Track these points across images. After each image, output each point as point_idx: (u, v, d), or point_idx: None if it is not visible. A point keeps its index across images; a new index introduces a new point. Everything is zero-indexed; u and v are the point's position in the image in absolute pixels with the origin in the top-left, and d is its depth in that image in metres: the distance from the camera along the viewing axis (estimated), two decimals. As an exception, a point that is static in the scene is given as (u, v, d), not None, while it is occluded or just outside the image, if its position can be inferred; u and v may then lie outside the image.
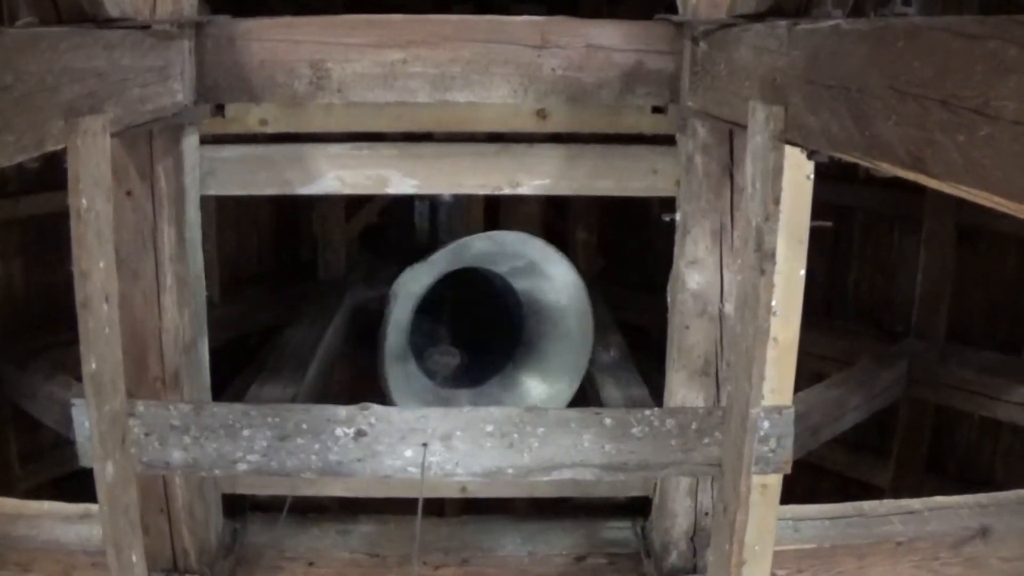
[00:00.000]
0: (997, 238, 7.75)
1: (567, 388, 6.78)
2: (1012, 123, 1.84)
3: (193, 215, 4.71)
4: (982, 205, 2.09)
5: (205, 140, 4.87)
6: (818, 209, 3.95)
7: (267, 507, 5.51)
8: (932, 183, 2.24)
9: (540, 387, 6.86)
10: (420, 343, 6.96)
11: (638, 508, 5.61)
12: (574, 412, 4.30)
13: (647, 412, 4.25)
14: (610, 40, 4.72)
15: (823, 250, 8.70)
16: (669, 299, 5.01)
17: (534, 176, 5.26)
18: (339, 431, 4.14)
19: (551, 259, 6.40)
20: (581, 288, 6.50)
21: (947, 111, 2.06)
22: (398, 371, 6.55)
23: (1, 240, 7.71)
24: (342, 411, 4.18)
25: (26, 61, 2.85)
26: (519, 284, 6.73)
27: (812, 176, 3.81)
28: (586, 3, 8.80)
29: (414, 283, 6.39)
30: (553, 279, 6.44)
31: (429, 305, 6.82)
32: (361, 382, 7.59)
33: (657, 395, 5.48)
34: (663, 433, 4.18)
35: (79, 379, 3.65)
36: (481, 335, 7.04)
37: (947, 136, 2.07)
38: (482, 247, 6.42)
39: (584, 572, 5.42)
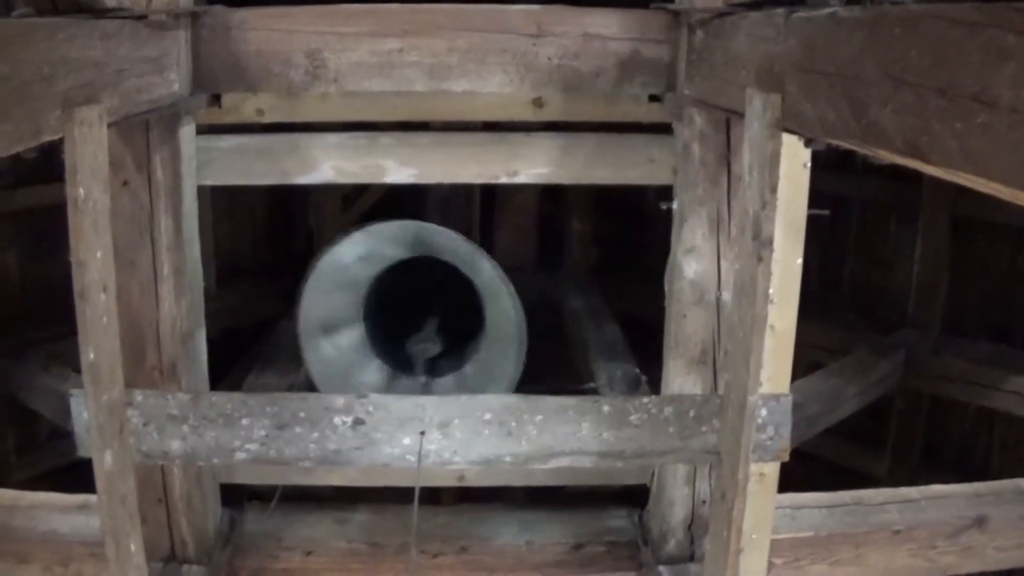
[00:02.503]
0: (993, 229, 7.74)
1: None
2: (1009, 110, 1.84)
3: (190, 205, 4.72)
4: (979, 195, 2.09)
5: (201, 130, 4.87)
6: (815, 199, 3.95)
7: (265, 496, 5.52)
8: (929, 170, 2.24)
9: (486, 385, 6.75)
10: (388, 329, 6.89)
11: (636, 496, 5.62)
12: (572, 400, 4.30)
13: (645, 400, 4.26)
14: (606, 28, 4.73)
15: (819, 240, 8.69)
16: (666, 288, 5.02)
17: (531, 165, 5.26)
18: (337, 419, 4.14)
19: (477, 258, 6.27)
20: (506, 290, 6.33)
21: (944, 99, 2.07)
22: (318, 344, 6.47)
23: (-2, 230, 7.71)
24: (340, 399, 4.19)
25: (22, 51, 2.85)
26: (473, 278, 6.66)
27: (809, 164, 3.82)
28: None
29: (338, 254, 6.29)
30: (484, 278, 6.34)
31: (401, 292, 6.76)
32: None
33: (653, 384, 5.48)
34: (661, 421, 4.19)
35: (76, 370, 3.66)
36: (452, 326, 6.98)
37: (944, 124, 2.07)
38: (417, 234, 6.35)
39: (582, 560, 5.42)
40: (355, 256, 6.23)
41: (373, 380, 6.51)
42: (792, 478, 4.64)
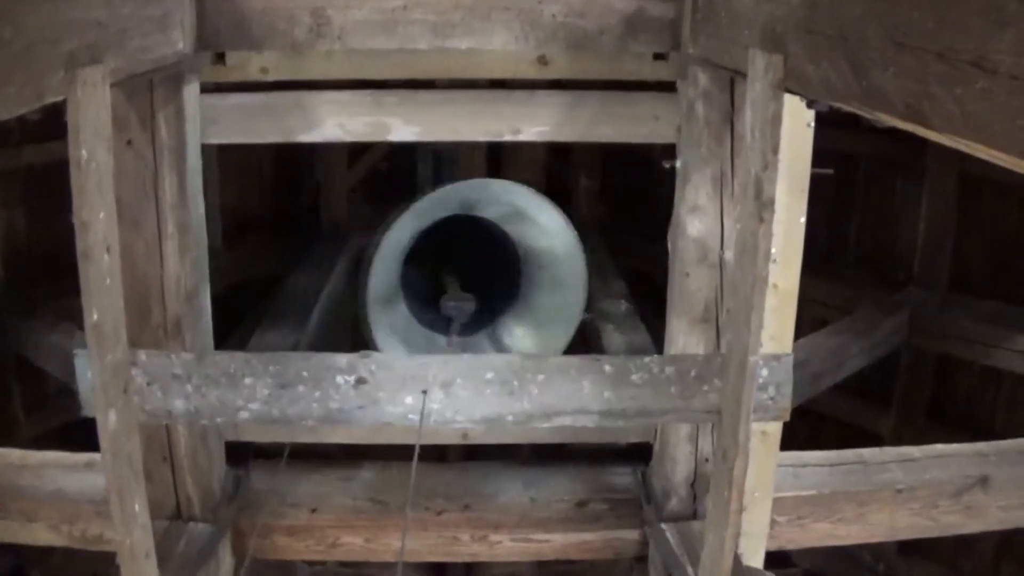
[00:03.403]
0: (1000, 188, 7.72)
1: (561, 338, 6.78)
2: (1009, 77, 1.84)
3: (194, 164, 4.71)
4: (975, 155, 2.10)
5: (206, 89, 4.86)
6: (820, 156, 3.95)
7: (270, 454, 5.54)
8: (930, 135, 2.24)
9: (533, 336, 6.86)
10: (418, 290, 6.95)
11: (639, 454, 5.63)
12: (574, 359, 4.31)
13: (646, 359, 4.26)
14: (611, -14, 4.71)
15: (825, 197, 8.68)
16: (670, 246, 5.02)
17: (535, 123, 5.25)
18: (339, 379, 4.16)
19: (540, 207, 6.38)
20: (572, 236, 6.46)
21: (944, 63, 2.06)
22: (383, 316, 6.55)
23: (3, 190, 7.70)
24: (342, 359, 4.20)
25: (26, 14, 2.85)
26: (513, 232, 6.72)
27: (812, 124, 3.81)
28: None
29: (398, 230, 6.36)
30: (543, 227, 6.42)
31: (429, 252, 6.81)
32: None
33: (659, 341, 5.49)
34: (662, 380, 4.19)
35: (82, 328, 3.66)
36: (482, 282, 7.03)
37: (944, 88, 2.07)
38: (468, 194, 6.40)
39: (585, 517, 5.45)
40: (412, 230, 6.31)
41: (423, 345, 6.60)
42: (797, 435, 4.66)
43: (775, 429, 4.43)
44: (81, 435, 4.42)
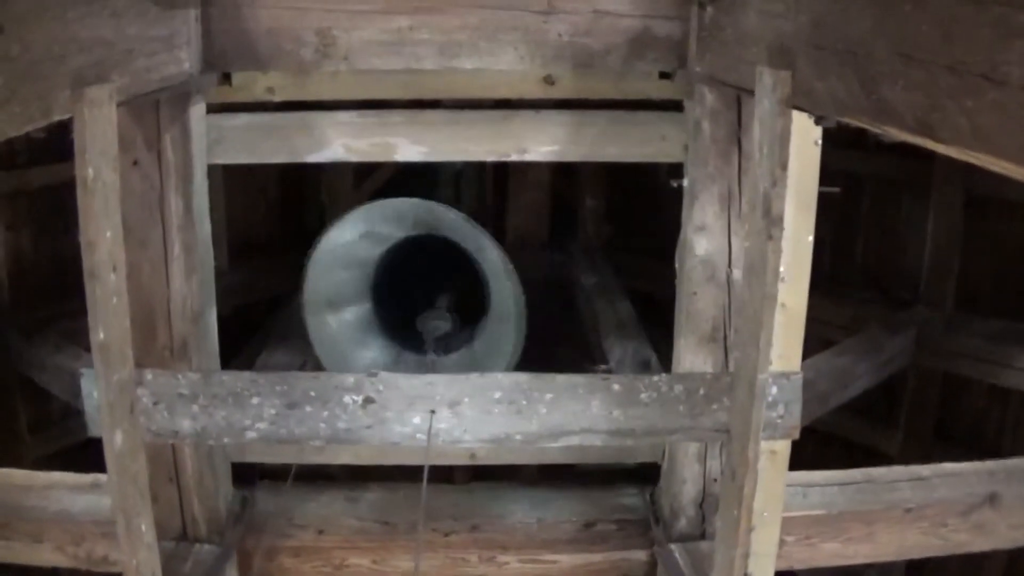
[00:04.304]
0: (1006, 206, 7.70)
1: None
2: (1020, 88, 1.83)
3: (200, 184, 4.71)
4: (991, 172, 2.09)
5: (212, 109, 4.87)
6: (826, 175, 3.94)
7: (277, 475, 5.53)
8: (940, 148, 2.23)
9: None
10: (395, 307, 6.89)
11: (647, 474, 5.62)
12: (582, 378, 4.29)
13: (655, 378, 4.25)
14: (617, 5, 4.70)
15: (830, 217, 8.66)
16: (677, 265, 5.01)
17: (541, 143, 5.25)
18: (347, 398, 4.14)
19: (483, 242, 6.28)
20: (508, 267, 6.34)
21: (954, 76, 2.06)
22: (323, 321, 6.49)
23: (10, 210, 7.70)
24: (350, 378, 4.19)
25: (32, 31, 2.86)
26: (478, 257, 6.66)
27: (820, 142, 3.81)
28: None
29: (339, 230, 6.31)
30: (490, 260, 6.34)
31: (409, 269, 6.76)
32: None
33: (667, 361, 5.48)
34: (671, 399, 4.18)
35: (88, 349, 3.66)
36: (458, 304, 6.97)
37: (954, 101, 2.07)
38: (416, 212, 6.35)
39: (593, 538, 5.44)
40: (359, 233, 6.24)
41: (378, 358, 6.52)
42: (804, 455, 4.64)
43: (784, 448, 4.41)
44: (86, 456, 4.42)
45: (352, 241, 6.24)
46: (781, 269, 3.66)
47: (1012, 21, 1.85)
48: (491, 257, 6.15)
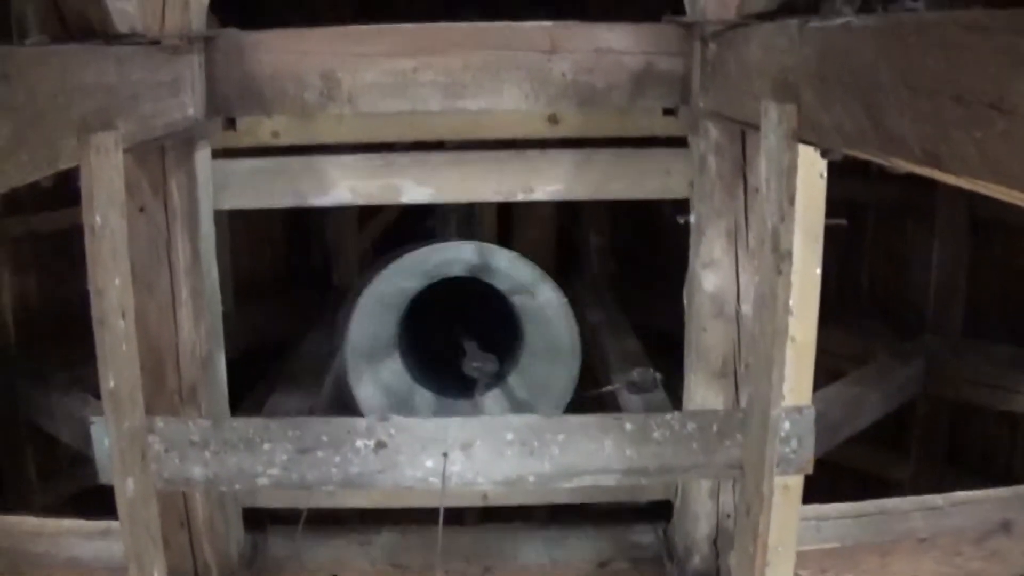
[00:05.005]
0: (1011, 230, 7.71)
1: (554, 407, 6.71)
2: (1029, 118, 1.83)
3: (207, 229, 4.72)
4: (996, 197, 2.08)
5: (217, 154, 4.88)
6: (829, 204, 3.94)
7: (288, 519, 5.51)
8: (948, 179, 2.23)
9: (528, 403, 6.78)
10: (420, 348, 6.91)
11: (660, 512, 5.60)
12: (594, 418, 4.28)
13: (667, 416, 4.23)
14: (619, 43, 4.72)
15: (836, 246, 8.66)
16: (685, 301, 5.00)
17: (547, 181, 5.25)
18: (359, 443, 4.12)
19: (535, 279, 6.34)
20: (564, 305, 6.42)
21: (961, 106, 2.05)
22: (370, 370, 6.50)
23: (17, 255, 7.72)
24: (362, 422, 4.17)
25: (38, 79, 2.86)
26: (514, 298, 6.69)
27: (825, 174, 3.81)
28: (595, 4, 8.81)
29: (382, 283, 6.34)
30: (539, 297, 6.39)
31: (434, 312, 6.78)
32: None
33: (675, 396, 5.47)
34: (684, 436, 4.16)
35: (96, 395, 3.65)
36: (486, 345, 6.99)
37: (962, 131, 2.06)
38: (460, 256, 6.38)
39: (608, 577, 5.42)
40: (403, 281, 6.28)
41: (419, 404, 6.57)
42: (816, 487, 4.62)
43: (797, 483, 4.39)
44: (95, 502, 4.41)
45: (394, 291, 6.27)
46: (790, 303, 3.65)
47: (1019, 50, 1.84)
48: (546, 295, 6.21)
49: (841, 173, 3.76)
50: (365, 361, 6.45)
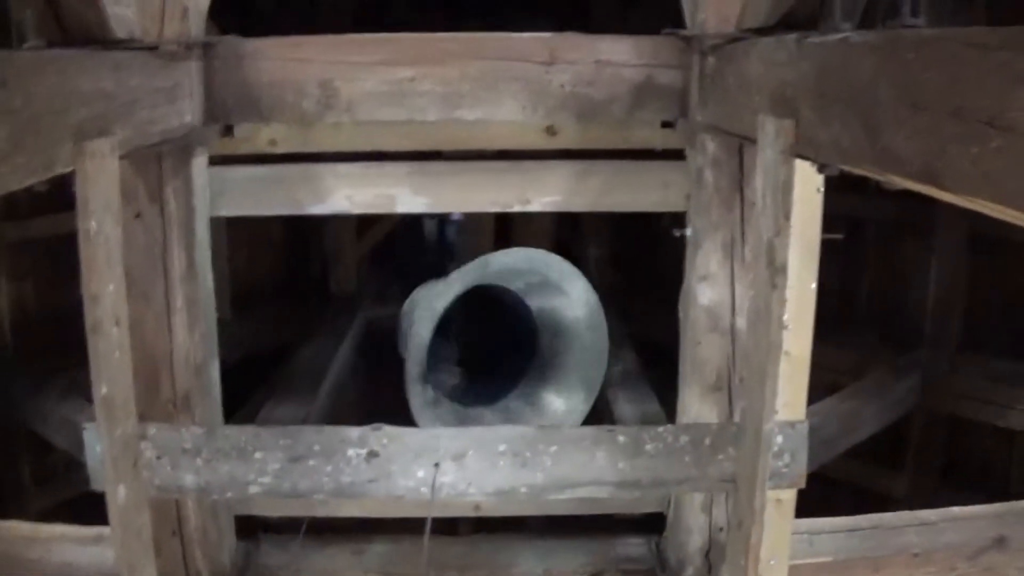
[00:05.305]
0: (1010, 246, 7.70)
1: (583, 403, 6.74)
2: (1026, 135, 1.83)
3: (203, 236, 4.71)
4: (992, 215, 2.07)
5: (214, 161, 4.86)
6: (828, 219, 3.94)
7: (280, 528, 5.50)
8: (945, 196, 2.22)
9: (556, 402, 6.82)
10: (432, 362, 6.93)
11: (653, 524, 5.58)
12: (587, 430, 4.28)
13: (660, 429, 4.22)
14: (619, 55, 4.72)
15: (834, 261, 8.66)
16: (681, 314, 5.00)
17: (544, 193, 5.26)
18: (351, 452, 4.12)
19: (568, 276, 6.38)
20: (597, 304, 6.48)
21: (959, 123, 2.05)
22: (419, 391, 6.52)
23: (13, 261, 7.72)
24: (354, 432, 4.16)
25: (35, 84, 2.86)
26: (533, 300, 6.71)
27: (822, 189, 3.80)
28: (597, 16, 8.82)
29: (435, 300, 6.35)
30: (569, 296, 6.42)
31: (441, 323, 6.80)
32: (374, 399, 7.58)
33: (671, 409, 5.46)
34: (677, 450, 4.16)
35: (91, 401, 3.64)
36: (494, 352, 7.01)
37: (960, 148, 2.05)
38: (502, 264, 6.39)
39: (600, 589, 5.41)
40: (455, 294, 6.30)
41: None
42: (811, 501, 4.62)
43: (790, 496, 4.39)
44: (91, 508, 4.40)
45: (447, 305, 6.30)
46: (785, 317, 3.65)
47: (1017, 66, 1.84)
48: (575, 289, 6.26)
49: (841, 188, 3.76)
50: (418, 385, 6.45)
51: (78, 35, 3.51)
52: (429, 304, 6.31)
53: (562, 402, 6.72)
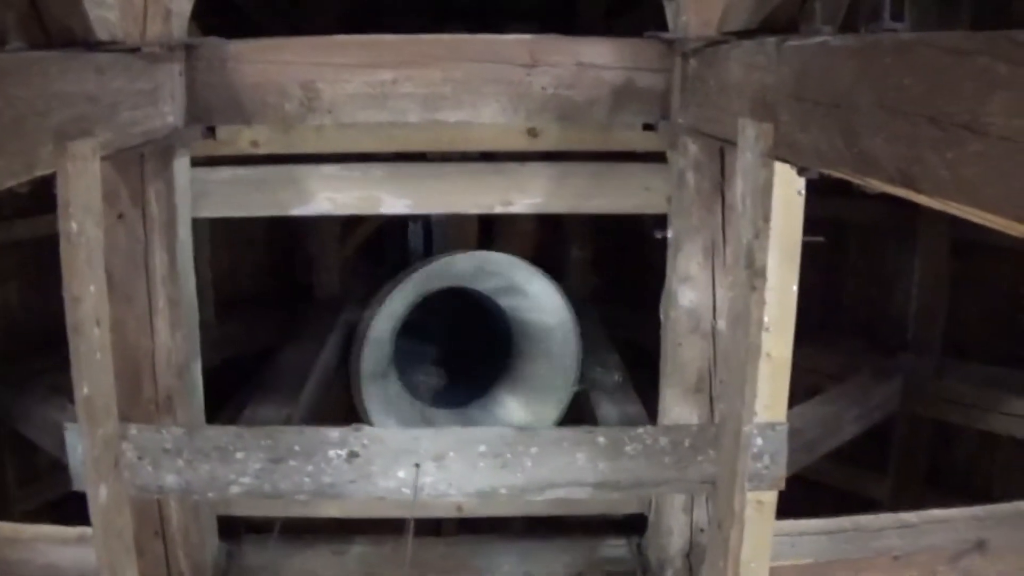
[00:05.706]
0: (992, 250, 7.71)
1: (552, 411, 6.75)
2: (1001, 139, 1.83)
3: (185, 237, 4.70)
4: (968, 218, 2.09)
5: (197, 162, 4.87)
6: (811, 223, 3.94)
7: (262, 528, 5.50)
8: (922, 200, 2.23)
9: (523, 410, 6.83)
10: (406, 362, 6.94)
11: (634, 525, 5.60)
12: (567, 431, 4.28)
13: (640, 430, 4.23)
14: (600, 58, 4.73)
15: (817, 264, 8.67)
16: (662, 316, 5.01)
17: (526, 194, 5.27)
18: (332, 453, 4.12)
19: (533, 280, 6.38)
20: (565, 309, 6.47)
21: (936, 127, 2.06)
22: (376, 390, 6.52)
23: (-4, 261, 7.71)
24: (335, 433, 4.16)
25: (16, 86, 2.85)
26: (504, 303, 6.72)
27: (803, 192, 3.81)
28: (583, 20, 8.83)
29: (391, 305, 6.35)
30: (537, 299, 6.42)
31: (416, 324, 6.81)
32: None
33: (653, 411, 5.47)
34: (656, 451, 4.16)
35: (74, 402, 3.64)
36: (469, 354, 7.02)
37: (936, 153, 2.06)
38: (461, 267, 6.40)
39: (581, 590, 5.41)
40: (405, 302, 6.30)
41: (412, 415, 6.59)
42: (794, 503, 4.63)
43: (770, 498, 4.40)
44: (75, 509, 4.39)
45: (402, 310, 6.30)
46: (766, 319, 3.66)
47: (994, 72, 1.85)
48: (544, 296, 6.27)
49: (825, 192, 3.77)
50: (374, 384, 6.46)
51: (60, 37, 3.51)
52: (386, 305, 6.31)
53: (528, 411, 6.72)
